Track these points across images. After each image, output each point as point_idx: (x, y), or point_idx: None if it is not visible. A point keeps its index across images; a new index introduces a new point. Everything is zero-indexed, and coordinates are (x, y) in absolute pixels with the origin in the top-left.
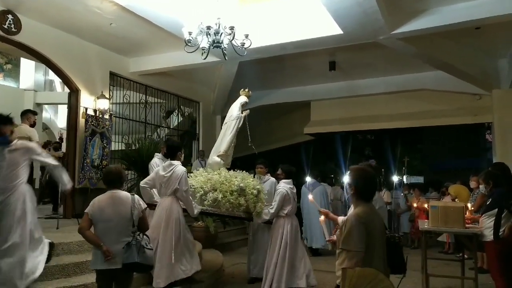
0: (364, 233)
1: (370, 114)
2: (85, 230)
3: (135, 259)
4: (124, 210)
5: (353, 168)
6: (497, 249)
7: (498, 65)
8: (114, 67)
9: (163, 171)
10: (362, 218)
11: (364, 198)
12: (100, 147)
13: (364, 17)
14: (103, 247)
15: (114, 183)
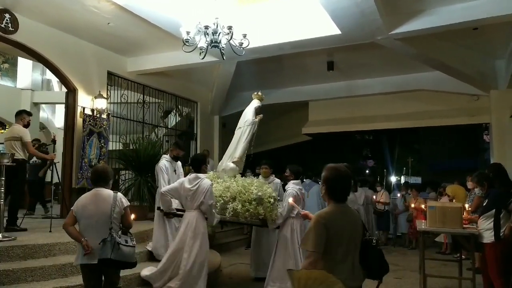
0: (322, 234)
1: (368, 114)
2: (68, 226)
3: (108, 255)
4: (104, 208)
5: (326, 167)
6: (497, 250)
7: (496, 65)
8: (111, 66)
9: (189, 184)
10: (323, 218)
11: (335, 198)
12: (98, 147)
13: (362, 17)
14: (83, 242)
15: (99, 181)
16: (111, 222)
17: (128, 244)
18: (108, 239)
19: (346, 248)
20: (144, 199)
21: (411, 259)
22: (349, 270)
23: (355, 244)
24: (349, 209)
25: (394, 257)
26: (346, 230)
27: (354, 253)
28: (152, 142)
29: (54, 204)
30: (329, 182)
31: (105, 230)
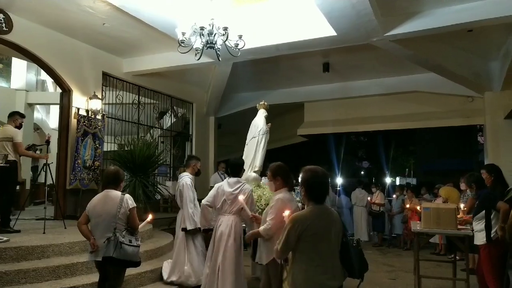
0: (292, 234)
1: (363, 115)
2: (81, 225)
3: (111, 253)
4: (111, 208)
5: (304, 169)
6: (491, 251)
7: (490, 67)
8: (107, 67)
9: (230, 188)
10: (294, 219)
11: (314, 199)
12: (92, 148)
13: (358, 19)
14: (90, 240)
15: (109, 183)
16: (116, 222)
17: (132, 244)
18: (112, 238)
19: (324, 248)
20: (139, 201)
21: (406, 260)
22: (328, 270)
23: (334, 244)
24: (328, 210)
25: (389, 258)
26: (325, 230)
27: (334, 253)
28: (147, 143)
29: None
30: (307, 183)
31: (109, 229)
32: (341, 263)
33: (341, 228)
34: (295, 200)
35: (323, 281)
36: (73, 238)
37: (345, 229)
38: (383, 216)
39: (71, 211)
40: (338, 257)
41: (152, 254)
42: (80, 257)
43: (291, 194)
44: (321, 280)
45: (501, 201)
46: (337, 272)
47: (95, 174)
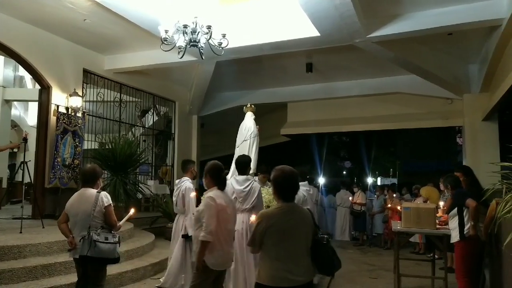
0: (260, 231)
1: (346, 116)
2: (60, 223)
3: (85, 252)
4: (86, 206)
5: (274, 169)
6: (463, 249)
7: (469, 70)
8: (87, 64)
9: (239, 185)
10: (261, 216)
11: (282, 197)
12: (72, 146)
13: (341, 20)
14: (68, 238)
15: (86, 181)
16: (91, 220)
17: (108, 241)
18: (86, 237)
19: (290, 245)
20: (120, 199)
21: (386, 259)
22: (294, 266)
23: (302, 241)
24: (297, 208)
25: (369, 257)
26: (291, 228)
27: (301, 250)
28: (129, 142)
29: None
30: (275, 182)
31: (85, 227)
32: (312, 260)
33: (311, 226)
34: (227, 197)
35: (287, 276)
36: (51, 237)
37: (317, 227)
38: (364, 215)
39: (49, 210)
40: (306, 254)
41: (133, 253)
42: (58, 257)
43: (223, 192)
44: (285, 275)
45: (470, 198)
46: (304, 268)
47: (75, 173)
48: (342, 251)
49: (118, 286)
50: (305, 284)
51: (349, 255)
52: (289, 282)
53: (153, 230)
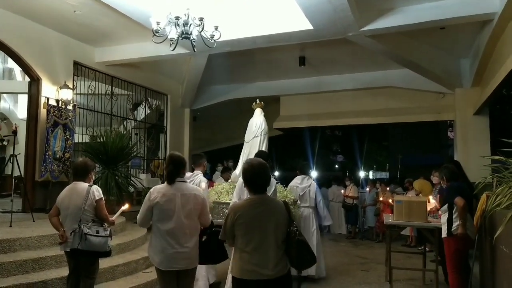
0: (230, 223)
1: (338, 110)
2: (51, 217)
3: (75, 245)
4: (77, 200)
5: (244, 161)
6: (451, 245)
7: (461, 64)
8: (78, 56)
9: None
10: (230, 208)
11: (252, 190)
12: (63, 139)
13: (334, 13)
14: (60, 232)
15: (77, 175)
16: (82, 213)
17: (99, 235)
18: (77, 230)
19: (259, 237)
20: (111, 193)
21: (378, 252)
22: (262, 259)
23: (272, 234)
24: (268, 200)
25: (361, 250)
26: (260, 220)
27: (271, 242)
28: (120, 135)
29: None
30: (244, 175)
31: (76, 221)
32: (286, 254)
33: (284, 218)
34: (177, 192)
35: (254, 269)
36: (42, 231)
37: (291, 220)
38: (356, 209)
39: (40, 204)
40: (277, 247)
41: (124, 247)
42: (49, 251)
43: (171, 186)
44: (253, 268)
45: (459, 196)
46: (273, 261)
47: (65, 166)
48: (335, 244)
49: (109, 280)
50: (276, 279)
51: (341, 248)
52: (257, 276)
53: None
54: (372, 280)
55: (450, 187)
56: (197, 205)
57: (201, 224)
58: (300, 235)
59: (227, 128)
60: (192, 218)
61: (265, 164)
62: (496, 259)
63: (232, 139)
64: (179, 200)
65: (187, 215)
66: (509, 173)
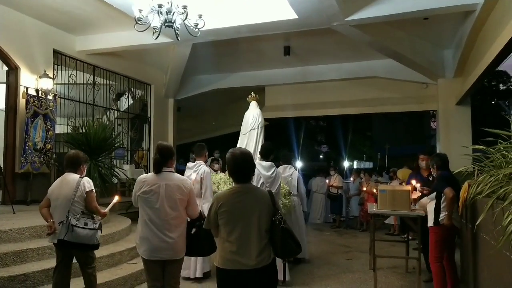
0: (213, 212)
1: (323, 100)
2: (41, 208)
3: (62, 236)
4: (67, 192)
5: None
6: (437, 234)
7: (444, 55)
8: (58, 45)
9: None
10: (216, 199)
11: (235, 179)
12: (44, 130)
13: (319, 2)
14: (48, 223)
15: (68, 167)
16: (71, 205)
17: (87, 227)
18: (64, 221)
19: (241, 226)
20: (95, 185)
21: (362, 240)
22: (244, 248)
23: (255, 223)
24: (250, 189)
25: (345, 239)
26: (242, 209)
27: (254, 232)
28: (103, 125)
29: None
30: (227, 165)
31: (65, 212)
32: (270, 243)
33: (268, 207)
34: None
35: (236, 259)
36: (23, 223)
37: (275, 209)
38: (341, 198)
39: (20, 196)
40: (260, 237)
41: (108, 238)
42: (30, 243)
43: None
44: (234, 258)
45: (449, 187)
46: (256, 251)
47: (47, 157)
48: (319, 234)
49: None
50: (258, 269)
51: (326, 237)
52: (239, 265)
53: (129, 215)
54: (356, 268)
55: (441, 176)
56: (182, 195)
57: (189, 215)
58: (284, 223)
59: (211, 118)
60: (176, 209)
61: (248, 154)
62: (477, 246)
63: (217, 130)
64: (164, 190)
65: (171, 205)
66: (489, 162)
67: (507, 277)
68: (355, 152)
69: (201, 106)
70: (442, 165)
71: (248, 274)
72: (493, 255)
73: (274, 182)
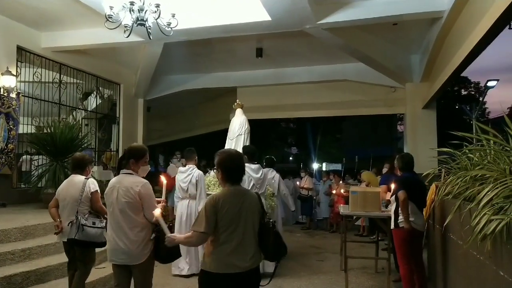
0: (213, 216)
1: (294, 102)
2: (50, 208)
3: (73, 235)
4: (73, 192)
5: (218, 153)
6: (398, 237)
7: (411, 60)
8: (22, 41)
9: (256, 174)
10: (214, 201)
11: (229, 180)
12: (5, 129)
13: (292, 5)
14: (56, 222)
15: (75, 168)
16: (79, 205)
17: (95, 226)
18: (74, 221)
19: (235, 229)
20: None
21: (332, 242)
22: (239, 250)
23: (248, 225)
24: (244, 191)
25: (316, 240)
26: (237, 211)
27: (246, 234)
28: (70, 125)
29: None
30: (222, 165)
31: (73, 212)
32: (259, 246)
33: (258, 210)
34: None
35: (231, 261)
36: None
37: (264, 211)
38: (311, 200)
39: None
40: (253, 239)
41: None
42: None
43: (117, 177)
44: (229, 260)
45: (402, 190)
46: (250, 253)
47: (9, 158)
48: (290, 235)
49: (59, 277)
50: (251, 270)
51: (297, 239)
52: (234, 268)
53: None
54: (328, 269)
55: (398, 179)
56: (130, 198)
57: (147, 219)
58: (274, 227)
59: (182, 119)
60: (126, 213)
61: (242, 155)
62: (445, 247)
63: (187, 131)
64: (116, 192)
65: (121, 209)
66: (456, 164)
67: (472, 273)
68: (324, 154)
69: (171, 106)
70: (403, 167)
71: (241, 277)
72: (461, 254)
73: (262, 184)
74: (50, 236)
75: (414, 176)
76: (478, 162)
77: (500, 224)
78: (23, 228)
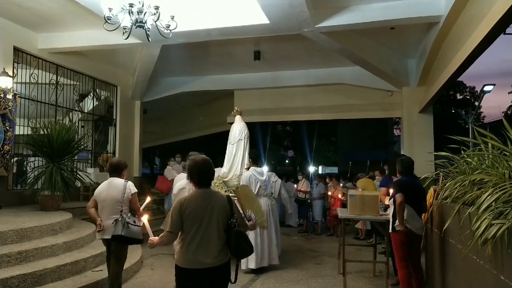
0: (177, 216)
1: (291, 105)
2: (89, 208)
3: (119, 232)
4: (115, 193)
5: (188, 159)
6: (395, 240)
7: (408, 64)
8: (19, 42)
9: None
10: (179, 202)
11: (196, 183)
12: (1, 131)
13: (290, 8)
14: (97, 221)
15: (113, 172)
16: (121, 205)
17: (136, 224)
18: (119, 219)
19: (198, 227)
20: (56, 188)
21: (329, 245)
22: (203, 248)
23: (213, 225)
24: (211, 193)
25: (313, 243)
26: (202, 211)
27: (213, 233)
28: (66, 127)
29: None
30: (189, 170)
31: (115, 212)
32: (226, 244)
33: (226, 211)
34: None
35: (196, 258)
36: None
37: (232, 213)
38: (309, 203)
39: None
40: (219, 238)
41: (72, 245)
42: None
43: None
44: (195, 257)
45: (400, 193)
46: (215, 251)
47: (5, 160)
48: (287, 238)
49: (56, 280)
50: (216, 267)
51: (294, 242)
52: (199, 264)
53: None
54: (325, 273)
55: (396, 183)
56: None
57: None
58: (238, 227)
59: (179, 121)
60: None
61: (209, 160)
62: (444, 250)
63: (184, 133)
64: None
65: None
66: (454, 169)
67: (472, 277)
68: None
69: (168, 109)
70: (403, 171)
71: (206, 272)
72: (460, 258)
73: (267, 185)
74: (46, 238)
75: (413, 180)
76: (477, 166)
77: (501, 228)
78: (19, 230)
